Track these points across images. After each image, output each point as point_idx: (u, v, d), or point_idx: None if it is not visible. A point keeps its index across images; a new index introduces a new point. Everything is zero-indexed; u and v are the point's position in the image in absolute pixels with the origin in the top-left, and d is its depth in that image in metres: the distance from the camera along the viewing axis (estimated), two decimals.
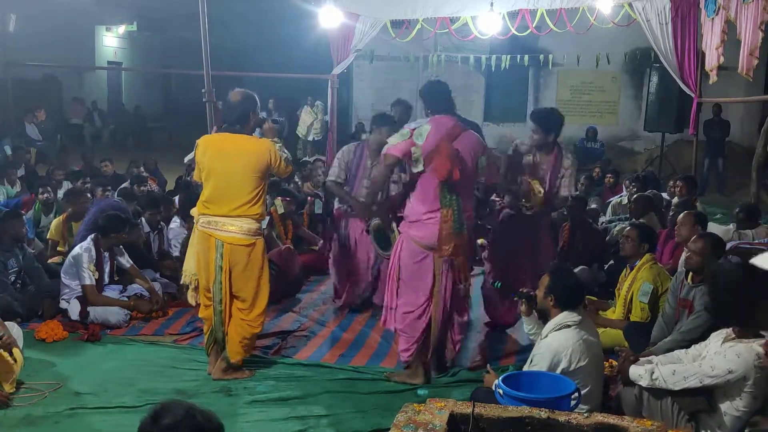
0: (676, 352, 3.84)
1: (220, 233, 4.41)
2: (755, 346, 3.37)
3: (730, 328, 3.50)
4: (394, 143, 4.33)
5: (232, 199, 4.37)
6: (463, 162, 4.27)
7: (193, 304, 4.80)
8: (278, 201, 7.12)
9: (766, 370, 3.31)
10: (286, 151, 4.62)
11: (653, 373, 3.49)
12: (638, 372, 3.56)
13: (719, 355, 3.42)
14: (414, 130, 4.30)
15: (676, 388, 3.43)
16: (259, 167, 4.37)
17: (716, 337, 3.61)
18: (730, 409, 3.39)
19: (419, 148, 4.25)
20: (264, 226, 6.83)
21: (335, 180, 5.70)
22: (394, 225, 4.96)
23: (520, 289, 4.16)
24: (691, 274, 4.45)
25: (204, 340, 4.73)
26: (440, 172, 4.20)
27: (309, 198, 7.96)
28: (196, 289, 4.64)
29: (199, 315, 4.75)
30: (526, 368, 3.75)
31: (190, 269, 4.64)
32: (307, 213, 7.78)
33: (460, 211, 4.31)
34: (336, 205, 5.98)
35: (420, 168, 4.27)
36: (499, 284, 4.47)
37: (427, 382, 4.48)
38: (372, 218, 5.18)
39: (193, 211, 4.63)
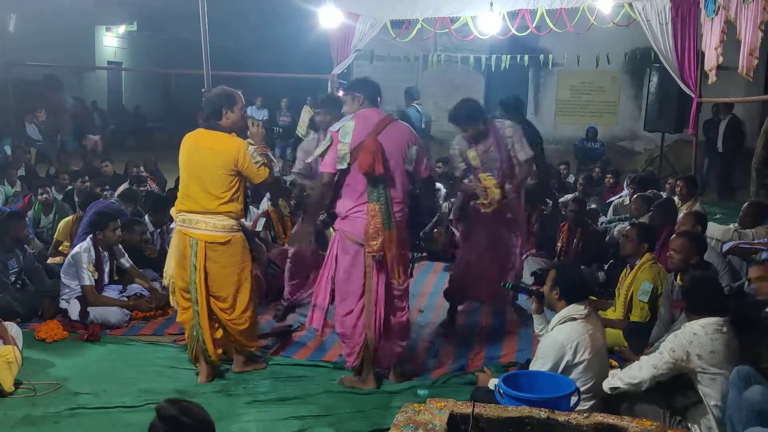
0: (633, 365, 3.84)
1: (195, 231, 4.35)
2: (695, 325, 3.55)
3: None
4: (321, 154, 4.27)
5: (205, 196, 4.30)
6: (387, 155, 4.19)
7: (175, 307, 4.74)
8: (282, 202, 7.08)
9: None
10: (270, 156, 4.48)
11: (620, 378, 3.57)
12: (609, 384, 3.60)
13: (669, 339, 3.58)
14: (338, 131, 4.25)
15: (648, 375, 3.50)
16: (226, 165, 4.27)
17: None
18: (708, 390, 3.48)
19: (346, 145, 4.20)
20: (260, 227, 6.88)
21: (299, 171, 5.59)
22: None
23: (531, 287, 4.15)
24: (679, 274, 4.46)
25: (188, 349, 4.63)
26: (362, 165, 4.14)
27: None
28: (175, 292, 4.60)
29: (177, 319, 4.70)
30: (532, 363, 3.77)
31: (169, 271, 4.58)
32: (290, 219, 7.58)
33: (389, 206, 4.22)
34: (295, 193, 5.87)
35: (344, 165, 4.21)
36: (510, 285, 4.44)
37: (378, 387, 4.36)
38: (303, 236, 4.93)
39: (172, 211, 4.57)
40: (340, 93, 4.48)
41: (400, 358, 4.55)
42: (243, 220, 4.70)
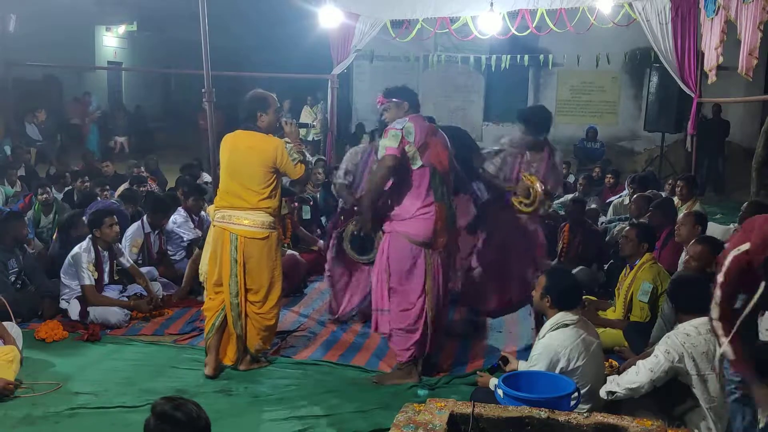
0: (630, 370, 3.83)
1: (235, 227, 4.50)
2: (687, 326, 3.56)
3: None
4: (391, 145, 4.30)
5: (245, 192, 4.48)
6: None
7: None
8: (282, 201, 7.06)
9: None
10: (305, 153, 4.68)
11: (617, 383, 3.54)
12: (606, 388, 3.57)
13: (662, 342, 3.55)
14: (402, 129, 4.32)
15: (646, 379, 3.46)
16: (265, 163, 4.47)
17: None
18: (700, 393, 3.46)
19: (412, 146, 4.31)
20: None
21: (343, 182, 5.55)
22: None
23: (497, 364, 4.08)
24: None
25: (204, 338, 4.71)
26: (441, 162, 4.36)
27: (294, 204, 7.52)
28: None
29: (203, 308, 4.79)
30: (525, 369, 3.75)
31: (204, 266, 4.76)
32: (290, 219, 7.33)
33: (451, 204, 4.42)
34: (341, 205, 5.85)
35: (419, 164, 4.33)
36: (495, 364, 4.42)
37: (420, 380, 4.44)
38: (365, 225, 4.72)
39: (210, 208, 4.75)
40: (379, 100, 4.53)
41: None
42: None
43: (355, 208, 5.50)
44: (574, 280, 3.96)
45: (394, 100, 4.49)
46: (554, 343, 3.60)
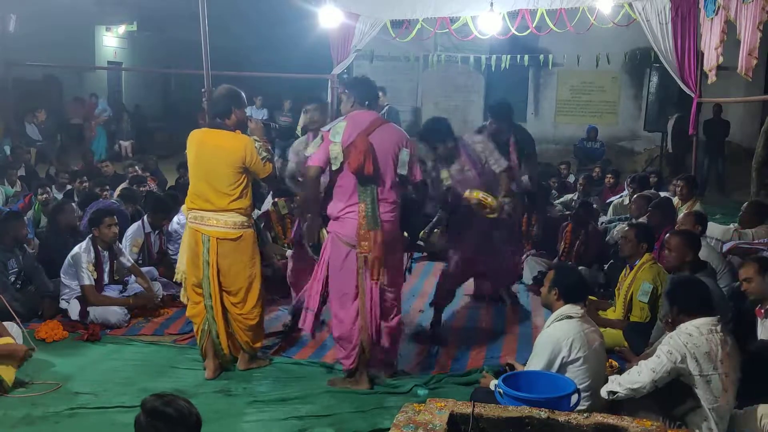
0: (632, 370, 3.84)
1: (206, 228, 4.42)
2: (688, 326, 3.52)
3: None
4: (312, 153, 4.25)
5: (214, 194, 4.38)
6: (377, 155, 4.19)
7: (185, 302, 4.80)
8: (281, 202, 7.07)
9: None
10: (271, 151, 4.58)
11: (619, 383, 3.52)
12: (607, 388, 3.55)
13: (664, 342, 3.52)
14: (329, 131, 4.25)
15: (648, 379, 3.44)
16: (234, 162, 4.36)
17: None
18: (704, 393, 3.43)
19: (337, 145, 4.19)
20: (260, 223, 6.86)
21: (291, 176, 5.30)
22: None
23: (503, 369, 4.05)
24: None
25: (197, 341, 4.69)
26: (352, 165, 4.14)
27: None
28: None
29: (187, 314, 4.76)
30: (529, 360, 3.77)
31: (181, 267, 4.67)
32: (290, 219, 7.48)
33: (375, 205, 4.22)
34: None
35: (337, 165, 4.21)
36: (490, 370, 4.36)
37: (371, 388, 4.37)
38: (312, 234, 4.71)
39: (183, 208, 4.65)
40: (340, 90, 4.49)
41: (391, 362, 4.58)
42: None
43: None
44: (581, 276, 4.03)
45: (348, 93, 4.41)
46: (557, 333, 3.64)
